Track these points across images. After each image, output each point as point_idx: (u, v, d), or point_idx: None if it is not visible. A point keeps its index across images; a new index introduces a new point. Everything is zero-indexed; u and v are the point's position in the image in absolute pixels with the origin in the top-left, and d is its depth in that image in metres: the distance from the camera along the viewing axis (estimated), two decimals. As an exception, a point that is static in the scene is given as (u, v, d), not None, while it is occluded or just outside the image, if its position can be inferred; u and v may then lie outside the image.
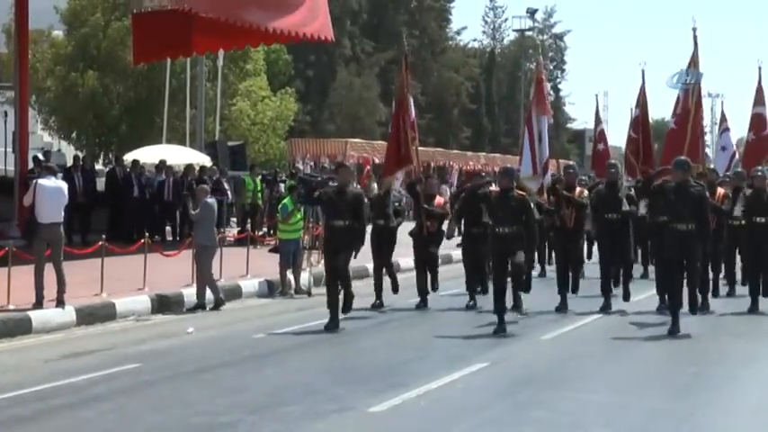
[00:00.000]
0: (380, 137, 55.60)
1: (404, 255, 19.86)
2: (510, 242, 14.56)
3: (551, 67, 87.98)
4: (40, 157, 25.20)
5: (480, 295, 17.33)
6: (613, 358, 12.81)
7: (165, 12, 22.96)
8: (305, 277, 19.14)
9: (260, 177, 29.52)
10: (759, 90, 24.56)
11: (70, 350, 13.15)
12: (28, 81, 26.42)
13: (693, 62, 17.41)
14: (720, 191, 17.57)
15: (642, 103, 22.87)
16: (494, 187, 16.13)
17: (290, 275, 19.04)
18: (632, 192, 17.73)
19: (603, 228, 16.92)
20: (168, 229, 26.84)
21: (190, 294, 17.21)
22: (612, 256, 16.94)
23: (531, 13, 77.92)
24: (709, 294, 17.08)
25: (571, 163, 18.12)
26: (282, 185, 28.46)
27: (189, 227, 17.98)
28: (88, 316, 15.22)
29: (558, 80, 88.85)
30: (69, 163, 28.20)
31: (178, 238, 25.40)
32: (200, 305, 16.81)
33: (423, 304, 17.10)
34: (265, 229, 28.11)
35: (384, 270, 17.61)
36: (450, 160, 49.54)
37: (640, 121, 22.32)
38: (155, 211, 26.43)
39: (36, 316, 14.49)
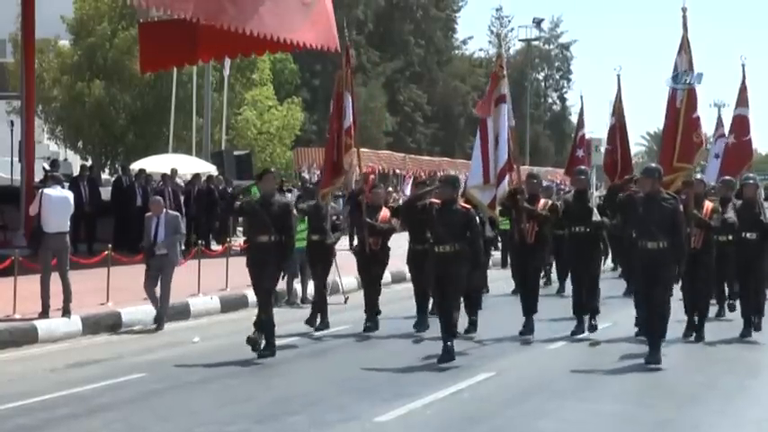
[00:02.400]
0: (386, 146, 55.72)
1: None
2: (450, 263, 12.86)
3: (557, 77, 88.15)
4: (46, 167, 25.19)
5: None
6: (620, 368, 12.76)
7: (171, 21, 23.01)
8: (311, 286, 19.08)
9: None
10: (743, 90, 21.79)
11: (76, 359, 13.15)
12: (34, 90, 26.47)
13: (684, 47, 15.20)
14: (708, 204, 15.06)
15: (618, 111, 21.22)
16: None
17: (296, 284, 19.01)
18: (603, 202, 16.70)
19: (571, 242, 15.21)
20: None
21: (195, 304, 17.23)
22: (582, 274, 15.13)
23: (538, 22, 77.92)
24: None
25: (535, 172, 16.03)
26: (289, 195, 28.43)
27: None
28: (94, 325, 15.22)
29: (565, 90, 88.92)
30: (76, 172, 28.22)
31: (183, 248, 25.38)
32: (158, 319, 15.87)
33: (371, 325, 15.48)
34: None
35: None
36: (456, 170, 49.57)
37: (617, 132, 20.75)
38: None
39: (42, 325, 14.49)
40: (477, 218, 13.71)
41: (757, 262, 15.15)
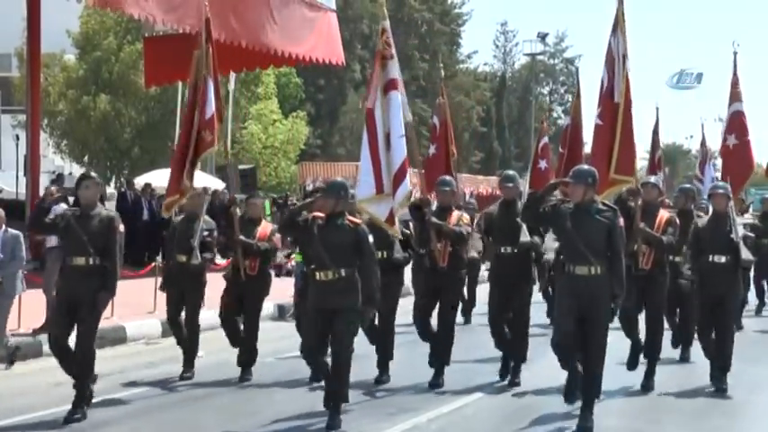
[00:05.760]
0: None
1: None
2: (333, 293, 10.05)
3: (562, 91, 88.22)
4: (51, 188, 25.25)
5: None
6: (624, 383, 12.71)
7: (176, 35, 23.07)
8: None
9: (270, 201, 29.59)
10: (735, 83, 18.41)
11: (80, 373, 13.11)
12: (40, 104, 26.54)
13: (620, 25, 12.11)
14: (663, 214, 12.24)
15: (575, 109, 18.70)
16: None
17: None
18: None
19: (495, 267, 12.42)
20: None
21: (202, 319, 17.17)
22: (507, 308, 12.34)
23: (542, 37, 78.04)
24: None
25: (448, 178, 12.76)
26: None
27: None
28: (98, 339, 15.13)
29: (570, 104, 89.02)
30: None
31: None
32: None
33: (245, 375, 12.84)
34: (275, 253, 28.13)
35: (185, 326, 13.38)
36: (460, 184, 49.57)
37: (569, 133, 18.04)
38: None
39: (45, 339, 14.45)
40: (386, 237, 11.85)
41: (727, 295, 12.01)
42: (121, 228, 10.59)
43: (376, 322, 12.17)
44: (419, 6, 71.55)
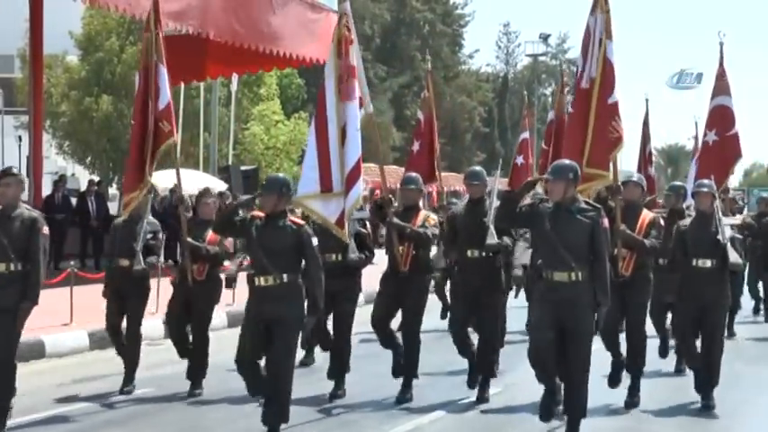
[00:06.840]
0: (393, 161, 55.84)
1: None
2: (273, 300, 9.29)
3: (564, 92, 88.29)
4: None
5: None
6: (627, 382, 12.75)
7: (179, 37, 23.12)
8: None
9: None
10: (721, 75, 16.70)
11: (83, 374, 13.17)
12: (42, 106, 26.59)
13: (600, 6, 10.86)
14: (646, 215, 11.04)
15: (560, 103, 18.29)
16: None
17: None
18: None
19: (462, 271, 11.20)
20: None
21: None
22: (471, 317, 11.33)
23: (545, 38, 78.09)
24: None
25: (414, 176, 11.79)
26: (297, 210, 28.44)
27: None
28: (101, 340, 15.22)
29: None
30: (83, 187, 28.32)
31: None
32: None
33: (195, 389, 11.81)
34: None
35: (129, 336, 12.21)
36: (463, 185, 49.62)
37: (554, 128, 17.67)
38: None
39: (49, 340, 14.52)
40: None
41: (713, 303, 10.92)
42: (45, 230, 9.58)
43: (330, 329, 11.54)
44: (421, 7, 71.67)
